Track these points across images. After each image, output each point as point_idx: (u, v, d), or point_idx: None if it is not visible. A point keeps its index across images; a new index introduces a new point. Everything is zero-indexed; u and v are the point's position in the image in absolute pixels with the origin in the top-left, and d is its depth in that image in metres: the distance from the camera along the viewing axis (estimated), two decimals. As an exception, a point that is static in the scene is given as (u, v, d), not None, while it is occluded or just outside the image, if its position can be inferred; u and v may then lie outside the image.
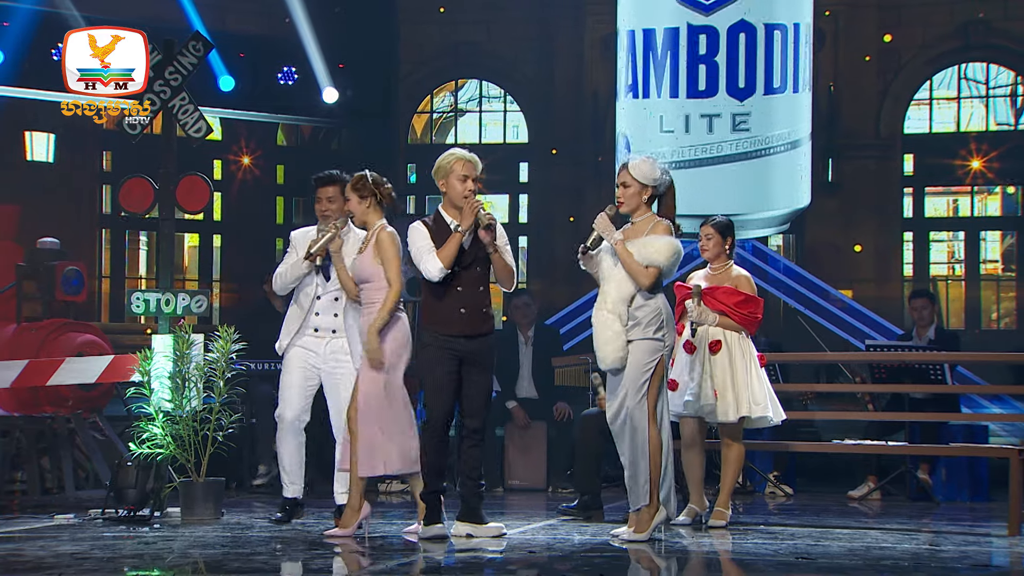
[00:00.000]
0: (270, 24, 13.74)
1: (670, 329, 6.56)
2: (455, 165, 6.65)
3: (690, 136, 12.61)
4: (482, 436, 6.71)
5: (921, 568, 5.85)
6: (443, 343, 6.59)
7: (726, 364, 7.35)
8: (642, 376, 6.48)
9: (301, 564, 5.91)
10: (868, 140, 14.26)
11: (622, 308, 6.53)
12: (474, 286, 6.64)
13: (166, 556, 6.12)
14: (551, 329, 11.34)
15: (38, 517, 7.73)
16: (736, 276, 7.53)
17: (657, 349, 6.51)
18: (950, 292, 14.44)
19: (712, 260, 7.57)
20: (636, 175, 6.61)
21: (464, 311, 6.60)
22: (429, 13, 14.75)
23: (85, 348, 8.95)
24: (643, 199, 6.64)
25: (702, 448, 7.51)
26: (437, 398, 6.62)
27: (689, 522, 7.35)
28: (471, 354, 6.62)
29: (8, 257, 9.55)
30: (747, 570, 5.95)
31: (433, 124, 15.30)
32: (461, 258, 6.59)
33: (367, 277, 6.64)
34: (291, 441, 7.23)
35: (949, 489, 9.55)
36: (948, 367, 9.29)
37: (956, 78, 14.30)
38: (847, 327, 12.95)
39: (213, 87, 12.66)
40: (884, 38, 14.02)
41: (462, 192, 6.60)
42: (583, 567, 5.89)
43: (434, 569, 5.91)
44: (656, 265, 6.49)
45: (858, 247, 13.86)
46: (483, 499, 6.78)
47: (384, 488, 10.03)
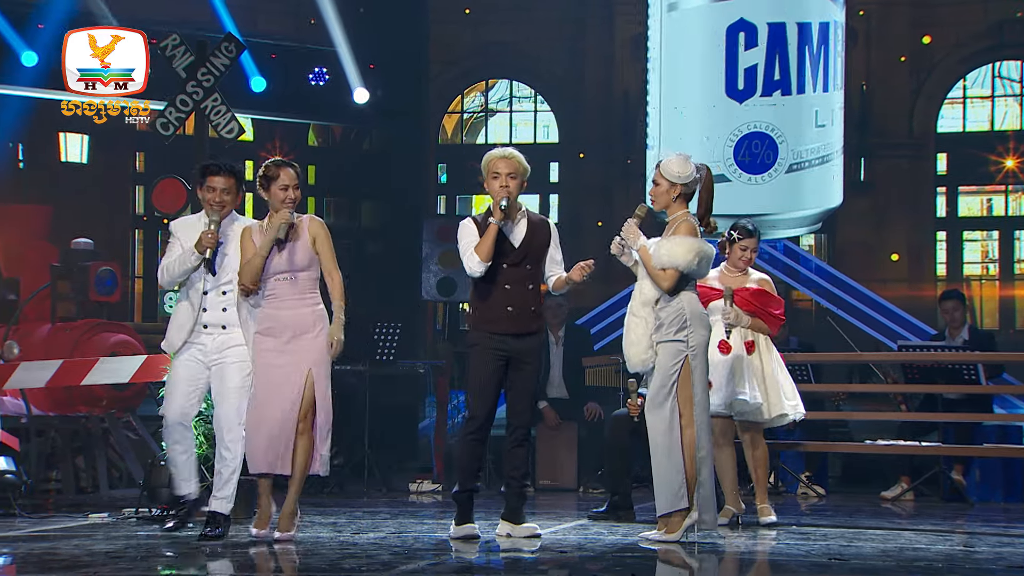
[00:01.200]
0: (301, 25, 13.80)
1: (695, 328, 6.48)
2: (490, 163, 6.67)
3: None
4: (527, 436, 6.71)
5: (955, 570, 5.81)
6: (490, 342, 6.58)
7: (759, 364, 7.40)
8: (665, 379, 6.45)
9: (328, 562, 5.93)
10: (901, 139, 14.19)
11: (647, 311, 6.51)
12: (522, 284, 6.62)
13: (199, 555, 6.15)
14: (582, 329, 11.33)
15: (72, 516, 7.79)
16: (759, 278, 7.57)
17: (680, 351, 6.46)
18: (984, 292, 14.34)
19: (745, 265, 7.60)
20: (665, 173, 6.59)
21: (511, 309, 6.59)
22: (459, 13, 14.78)
23: (118, 348, 9.01)
24: (672, 197, 6.61)
25: (733, 448, 7.52)
26: (479, 398, 6.62)
27: (727, 523, 7.37)
28: (518, 353, 6.60)
29: (42, 257, 9.62)
30: (779, 571, 5.93)
31: (464, 124, 15.33)
32: (509, 256, 6.60)
33: (304, 265, 6.56)
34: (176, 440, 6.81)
35: (983, 490, 9.49)
36: (982, 367, 9.23)
37: (990, 77, 14.21)
38: (879, 327, 12.89)
39: (245, 88, 12.73)
40: (923, 39, 13.94)
41: (496, 189, 6.63)
42: (614, 567, 5.88)
43: (465, 569, 5.92)
44: (673, 266, 6.45)
45: (895, 256, 13.78)
46: (525, 499, 6.79)
47: (415, 488, 10.06)
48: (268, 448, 6.41)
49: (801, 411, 7.56)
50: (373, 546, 6.36)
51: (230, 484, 6.60)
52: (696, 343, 6.46)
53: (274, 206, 6.57)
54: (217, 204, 6.71)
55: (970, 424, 9.22)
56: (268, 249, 6.47)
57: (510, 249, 6.61)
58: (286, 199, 6.54)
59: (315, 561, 5.91)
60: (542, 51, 14.75)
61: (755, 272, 7.63)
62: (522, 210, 6.74)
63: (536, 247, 6.65)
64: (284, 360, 6.46)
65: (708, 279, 7.55)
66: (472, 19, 14.81)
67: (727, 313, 7.37)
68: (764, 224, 13.46)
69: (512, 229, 6.65)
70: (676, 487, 6.39)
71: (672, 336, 6.45)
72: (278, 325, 6.47)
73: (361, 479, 10.09)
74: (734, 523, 7.39)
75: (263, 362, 6.47)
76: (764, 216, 13.39)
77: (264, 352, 6.48)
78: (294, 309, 6.50)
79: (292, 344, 6.47)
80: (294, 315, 6.49)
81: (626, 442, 7.99)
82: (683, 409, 6.44)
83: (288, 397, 6.42)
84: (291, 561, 5.99)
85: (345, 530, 7.02)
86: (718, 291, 7.47)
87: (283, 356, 6.46)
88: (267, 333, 6.48)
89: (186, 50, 8.64)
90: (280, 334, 6.47)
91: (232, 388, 6.66)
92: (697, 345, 6.46)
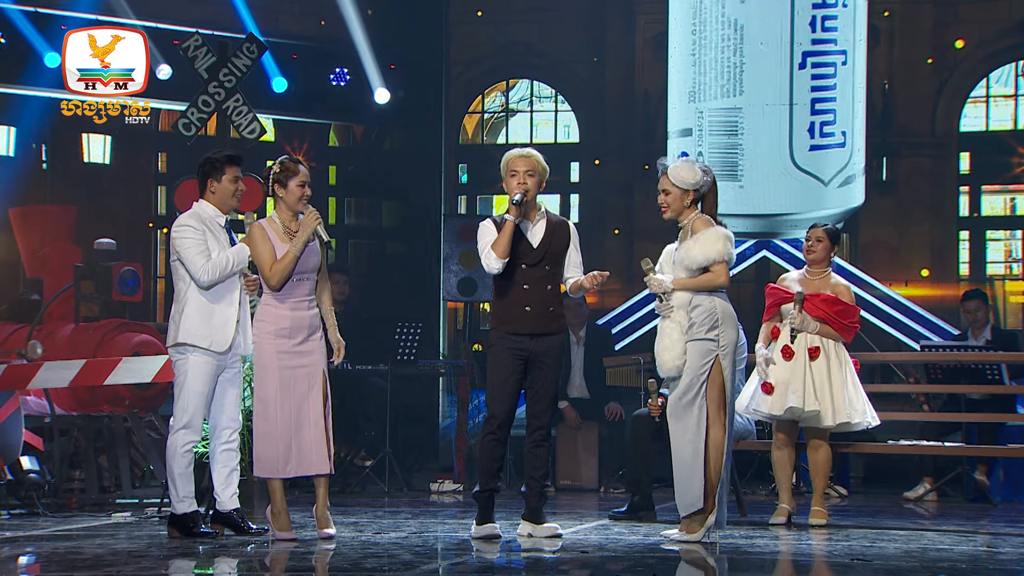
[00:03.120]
0: (322, 26, 13.83)
1: (726, 328, 6.48)
2: (508, 162, 6.69)
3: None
4: (547, 436, 6.69)
5: (979, 570, 5.78)
6: (509, 342, 6.58)
7: (824, 370, 7.45)
8: (694, 378, 6.44)
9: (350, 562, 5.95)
10: (923, 138, 14.11)
11: (680, 314, 6.50)
12: (541, 284, 6.62)
13: (220, 554, 6.17)
14: (603, 329, 11.32)
15: (96, 515, 7.83)
16: (835, 284, 7.62)
17: (710, 350, 6.46)
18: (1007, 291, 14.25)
19: (814, 264, 7.62)
20: (675, 181, 6.57)
21: (530, 309, 6.58)
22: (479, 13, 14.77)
23: (141, 348, 9.04)
24: (685, 203, 6.61)
25: (792, 449, 7.56)
26: (497, 399, 6.62)
27: (784, 522, 7.45)
28: (537, 354, 6.60)
29: (66, 258, 9.66)
30: (802, 571, 5.91)
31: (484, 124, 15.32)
32: (528, 256, 6.59)
33: (316, 267, 6.59)
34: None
35: (1006, 490, 9.45)
36: (1005, 367, 9.18)
37: (1014, 75, 14.13)
38: (902, 327, 12.84)
39: (266, 89, 12.76)
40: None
41: (513, 187, 6.63)
42: (636, 567, 5.87)
43: (487, 569, 5.92)
44: (717, 260, 6.44)
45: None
46: (546, 499, 6.78)
47: (436, 488, 10.08)
48: (300, 451, 6.44)
49: (871, 420, 7.53)
50: (394, 546, 6.37)
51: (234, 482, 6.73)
52: (726, 342, 6.45)
53: (290, 203, 6.55)
54: (237, 195, 6.68)
55: (993, 424, 9.18)
56: (301, 249, 6.48)
57: (529, 249, 6.61)
58: (303, 196, 6.55)
59: (336, 561, 5.93)
60: (563, 51, 14.73)
61: (836, 277, 7.68)
62: (541, 211, 6.74)
63: (555, 247, 6.65)
64: (302, 362, 6.48)
65: (786, 280, 7.61)
66: (492, 19, 14.80)
67: (793, 318, 7.43)
68: (784, 224, 13.44)
69: (531, 229, 6.65)
70: (698, 487, 6.39)
71: (703, 335, 6.45)
72: (294, 326, 6.49)
73: (382, 479, 10.10)
74: (788, 523, 7.48)
75: (281, 364, 6.46)
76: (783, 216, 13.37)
77: (280, 354, 6.47)
78: (309, 310, 6.54)
79: (305, 345, 6.50)
80: (308, 316, 6.53)
81: (647, 442, 7.99)
82: (710, 408, 6.43)
83: (316, 400, 6.46)
84: (322, 561, 6.01)
85: (366, 530, 7.03)
86: (790, 294, 7.52)
87: (299, 358, 6.48)
88: (281, 334, 6.48)
89: (208, 51, 8.67)
90: (295, 335, 6.49)
91: (238, 389, 6.75)
92: (727, 344, 6.45)
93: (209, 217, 6.68)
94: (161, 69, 11.50)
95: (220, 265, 6.53)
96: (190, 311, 6.56)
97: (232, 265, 6.56)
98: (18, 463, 8.20)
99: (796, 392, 7.36)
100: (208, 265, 6.53)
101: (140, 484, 9.38)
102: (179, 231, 6.62)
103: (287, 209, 6.59)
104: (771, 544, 6.68)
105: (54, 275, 9.60)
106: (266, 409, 6.47)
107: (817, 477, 7.57)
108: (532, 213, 6.66)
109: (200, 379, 6.55)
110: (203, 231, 6.62)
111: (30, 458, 8.34)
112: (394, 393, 10.40)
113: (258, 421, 6.52)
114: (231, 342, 6.59)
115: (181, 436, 6.56)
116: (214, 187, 6.69)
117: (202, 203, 6.71)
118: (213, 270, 6.53)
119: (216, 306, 6.57)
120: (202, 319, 6.56)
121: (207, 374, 6.57)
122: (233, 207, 6.76)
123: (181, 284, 6.63)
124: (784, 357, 7.42)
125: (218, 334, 6.55)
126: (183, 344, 6.56)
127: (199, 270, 6.53)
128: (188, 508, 6.60)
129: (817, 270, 7.64)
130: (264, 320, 6.52)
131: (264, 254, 6.49)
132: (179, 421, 6.57)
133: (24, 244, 10.33)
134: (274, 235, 6.53)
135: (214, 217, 6.68)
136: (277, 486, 6.51)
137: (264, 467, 6.49)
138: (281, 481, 6.51)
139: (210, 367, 6.57)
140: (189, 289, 6.59)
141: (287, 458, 6.44)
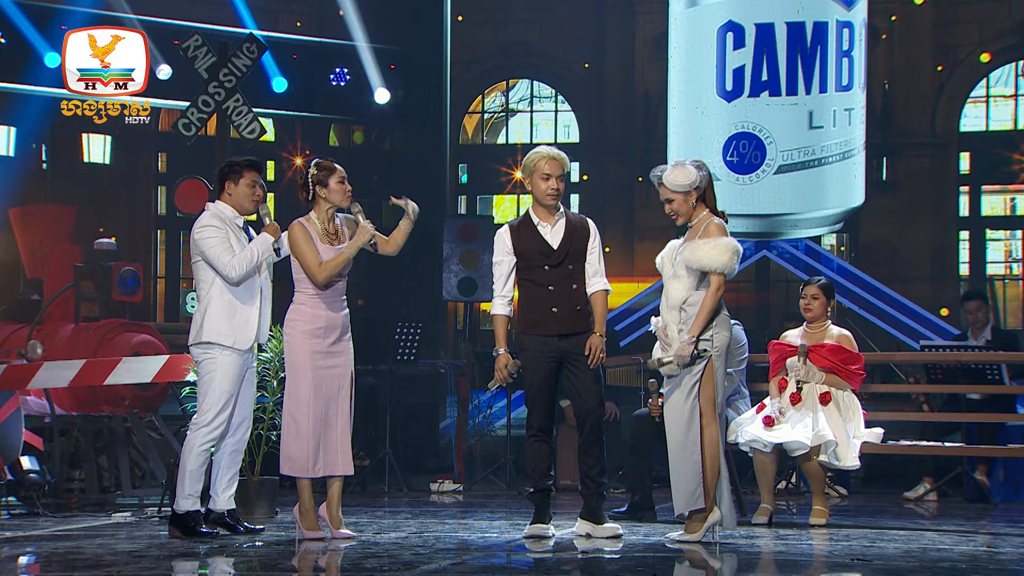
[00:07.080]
0: (323, 26, 13.83)
1: (719, 329, 6.48)
2: (539, 163, 6.66)
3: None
4: (598, 434, 6.61)
5: (979, 570, 5.78)
6: (539, 345, 6.57)
7: (836, 414, 7.57)
8: (688, 378, 6.44)
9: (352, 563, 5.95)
10: (924, 138, 14.12)
11: (674, 314, 6.50)
12: (566, 284, 6.61)
13: (219, 554, 6.17)
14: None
15: (96, 515, 7.83)
16: (838, 335, 7.73)
17: (704, 350, 6.46)
18: (1007, 292, 14.26)
19: (813, 320, 7.77)
20: (674, 188, 6.56)
21: (556, 310, 6.58)
22: (479, 14, 14.78)
23: (141, 348, 9.05)
24: (691, 204, 6.60)
25: (776, 452, 7.63)
26: (535, 402, 6.62)
27: (765, 521, 7.49)
28: (569, 353, 6.58)
29: (66, 258, 9.66)
30: (802, 571, 5.91)
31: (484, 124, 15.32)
32: (550, 257, 6.59)
33: (347, 270, 6.68)
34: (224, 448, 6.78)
35: (1007, 490, 9.45)
36: (1005, 367, 9.18)
37: (1014, 75, 14.13)
38: (902, 327, 12.85)
39: (266, 88, 12.76)
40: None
41: (545, 191, 6.62)
42: (636, 567, 5.87)
43: (487, 569, 5.92)
44: (717, 271, 6.43)
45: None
46: (604, 499, 6.72)
47: (436, 488, 10.08)
48: (327, 451, 6.50)
49: (850, 463, 7.56)
50: (394, 546, 6.37)
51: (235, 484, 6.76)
52: (719, 343, 6.46)
53: (336, 201, 6.65)
54: (255, 200, 6.77)
55: (993, 424, 9.18)
56: (355, 252, 6.60)
57: (550, 251, 6.60)
58: (346, 191, 6.68)
59: (337, 561, 5.93)
60: (563, 51, 14.74)
61: (835, 328, 7.79)
62: (560, 211, 6.74)
63: (576, 246, 6.64)
64: (334, 362, 6.56)
65: (788, 336, 7.69)
66: (493, 19, 14.80)
67: (798, 370, 7.57)
68: (784, 224, 13.45)
69: (550, 231, 6.64)
70: (694, 487, 6.40)
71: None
72: (329, 325, 6.56)
73: (382, 479, 10.10)
74: (769, 522, 7.51)
75: (314, 364, 6.50)
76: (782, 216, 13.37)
77: (314, 355, 6.51)
78: (342, 311, 6.64)
79: (337, 346, 6.59)
80: (341, 316, 6.63)
81: (647, 442, 8.00)
82: (704, 408, 6.43)
83: (344, 401, 6.57)
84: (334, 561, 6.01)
85: (367, 530, 7.03)
86: (794, 348, 7.59)
87: (332, 358, 6.55)
88: (316, 334, 6.54)
89: (208, 51, 8.67)
90: (328, 335, 6.56)
91: (254, 387, 6.76)
92: (720, 345, 6.47)
93: (228, 218, 6.74)
94: (161, 69, 11.51)
95: (246, 259, 6.59)
96: (214, 310, 6.61)
97: (257, 257, 6.61)
98: (18, 463, 8.21)
99: (800, 436, 7.45)
100: (234, 261, 6.59)
101: (140, 484, 9.38)
102: (201, 231, 6.67)
103: (328, 209, 6.62)
104: (771, 544, 6.68)
105: (54, 275, 9.60)
106: (298, 408, 6.49)
107: (814, 481, 7.62)
108: (551, 214, 6.65)
109: (229, 378, 6.60)
110: (225, 230, 6.68)
111: (30, 458, 8.34)
112: (394, 393, 10.40)
113: (288, 420, 6.55)
114: (254, 340, 6.66)
115: (203, 434, 6.59)
116: (231, 189, 6.76)
117: (219, 204, 6.79)
118: (240, 265, 6.58)
119: (239, 304, 6.62)
120: (226, 317, 6.61)
121: (235, 373, 6.62)
122: (249, 211, 6.82)
123: (203, 284, 6.68)
124: (792, 402, 7.57)
125: (241, 332, 6.60)
126: (207, 342, 6.60)
127: (227, 266, 6.59)
128: (191, 506, 6.60)
129: (817, 325, 7.77)
130: (299, 319, 6.55)
131: (308, 252, 6.53)
132: (203, 418, 6.60)
133: (24, 244, 10.32)
134: (315, 236, 6.57)
135: (233, 218, 6.75)
136: (306, 485, 6.54)
137: (294, 466, 6.52)
138: (310, 480, 6.52)
139: (236, 366, 6.61)
140: (212, 288, 6.64)
141: (316, 458, 6.47)
